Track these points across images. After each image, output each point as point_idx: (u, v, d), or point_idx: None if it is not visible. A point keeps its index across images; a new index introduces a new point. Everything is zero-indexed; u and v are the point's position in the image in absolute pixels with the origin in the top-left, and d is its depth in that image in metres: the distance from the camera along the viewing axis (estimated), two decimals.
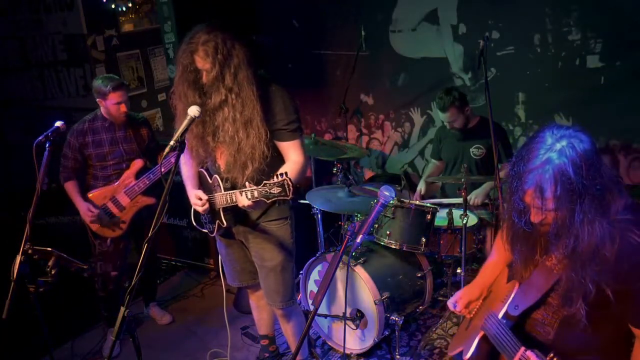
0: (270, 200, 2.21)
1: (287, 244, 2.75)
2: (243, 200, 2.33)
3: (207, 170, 2.70)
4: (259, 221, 2.68)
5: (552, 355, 1.64)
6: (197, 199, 2.61)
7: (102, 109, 3.36)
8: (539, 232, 1.75)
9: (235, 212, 2.60)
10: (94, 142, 3.36)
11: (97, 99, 3.32)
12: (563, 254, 1.68)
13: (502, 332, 1.80)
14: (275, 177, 2.18)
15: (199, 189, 2.70)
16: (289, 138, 2.52)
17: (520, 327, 1.85)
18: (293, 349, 3.09)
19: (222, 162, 2.58)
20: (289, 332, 3.01)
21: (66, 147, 3.37)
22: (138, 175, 3.44)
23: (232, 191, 2.45)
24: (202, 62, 2.37)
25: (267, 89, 2.49)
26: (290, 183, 2.15)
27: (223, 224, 2.60)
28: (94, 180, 3.45)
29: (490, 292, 2.08)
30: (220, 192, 2.55)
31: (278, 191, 2.16)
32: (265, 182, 2.21)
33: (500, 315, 1.84)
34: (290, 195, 2.15)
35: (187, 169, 2.74)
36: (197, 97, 2.44)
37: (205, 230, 2.84)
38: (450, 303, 2.12)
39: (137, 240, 3.61)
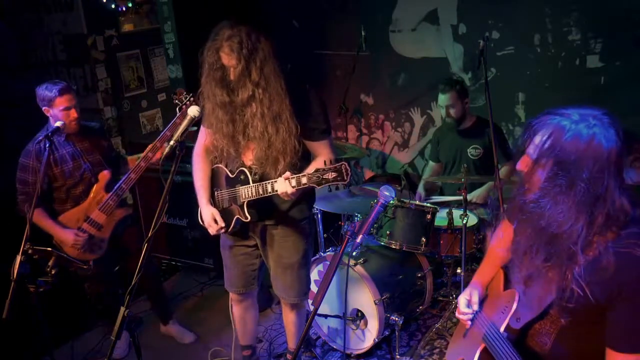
0: (321, 186, 2.22)
1: (305, 242, 2.73)
2: (286, 187, 2.29)
3: (228, 168, 2.64)
4: (282, 219, 2.65)
5: None
6: (212, 220, 2.57)
7: (52, 120, 3.07)
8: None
9: (260, 207, 2.56)
10: (56, 160, 3.05)
11: (43, 108, 3.04)
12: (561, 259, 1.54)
13: (505, 348, 1.73)
14: (327, 162, 2.22)
15: (214, 185, 2.67)
16: (320, 138, 2.51)
17: (518, 338, 1.79)
18: (290, 338, 3.07)
19: (249, 157, 2.53)
20: (290, 322, 2.98)
21: (22, 172, 3.05)
22: (107, 188, 3.18)
23: (269, 181, 2.40)
24: (228, 59, 2.33)
25: (297, 86, 2.47)
26: (348, 168, 2.17)
27: (247, 219, 2.54)
28: (60, 204, 3.17)
29: (487, 295, 2.04)
30: (248, 184, 2.49)
31: (333, 176, 2.18)
32: (317, 168, 2.20)
33: (502, 328, 1.78)
34: (348, 179, 2.17)
35: (202, 176, 2.68)
36: (225, 95, 2.40)
37: None
38: (464, 311, 1.98)
39: (121, 253, 3.40)
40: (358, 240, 2.04)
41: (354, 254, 3.27)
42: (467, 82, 4.48)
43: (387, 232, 3.28)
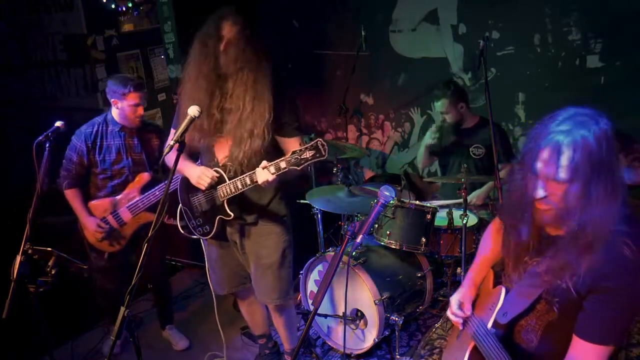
0: (301, 167, 2.23)
1: (284, 240, 2.75)
2: (265, 175, 2.31)
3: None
4: (259, 219, 2.68)
5: None
6: (206, 170, 2.54)
7: (115, 112, 3.16)
8: (536, 225, 1.65)
9: (240, 202, 2.59)
10: (101, 148, 3.14)
11: (112, 100, 3.12)
12: (556, 252, 1.58)
13: (492, 344, 1.73)
14: (301, 143, 2.25)
15: (188, 192, 2.69)
16: (293, 134, 2.55)
17: (506, 334, 1.79)
18: (284, 340, 3.11)
19: (223, 153, 2.58)
20: (280, 325, 3.02)
21: (71, 150, 3.16)
22: (143, 190, 3.21)
23: (247, 173, 2.42)
24: (230, 28, 2.40)
25: (281, 84, 2.53)
26: (324, 143, 2.17)
27: (230, 216, 2.58)
28: (95, 190, 3.24)
29: (478, 296, 2.03)
30: (224, 182, 2.53)
31: (311, 154, 2.19)
32: (293, 150, 2.22)
33: (490, 324, 1.78)
34: (326, 154, 2.18)
35: (181, 160, 2.69)
36: (211, 66, 2.45)
37: (196, 236, 2.78)
38: (456, 313, 1.98)
39: (136, 256, 3.37)
40: (358, 240, 2.04)
41: (354, 254, 3.27)
42: (467, 82, 4.48)
43: (387, 232, 3.28)
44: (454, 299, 2.00)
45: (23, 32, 4.57)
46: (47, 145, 2.75)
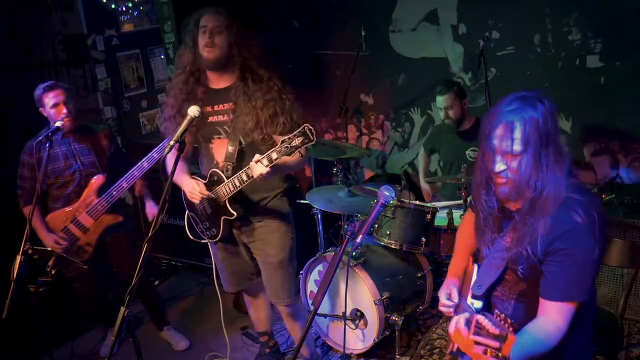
0: (293, 156, 2.25)
1: (289, 238, 2.78)
2: (259, 169, 2.31)
3: (198, 174, 2.71)
4: (263, 217, 2.70)
5: (499, 313, 1.63)
6: (196, 185, 2.57)
7: (51, 121, 3.06)
8: (498, 205, 1.81)
9: (243, 200, 2.61)
10: (49, 157, 2.92)
11: (40, 110, 3.05)
12: (516, 224, 1.73)
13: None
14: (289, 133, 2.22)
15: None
16: (292, 132, 2.52)
17: (485, 306, 1.90)
18: (304, 348, 3.08)
19: (221, 154, 2.60)
20: (297, 331, 3.02)
21: (21, 167, 3.11)
22: (100, 192, 3.13)
23: (242, 170, 2.44)
24: (212, 18, 2.46)
25: (280, 81, 2.55)
26: (311, 127, 2.17)
27: (233, 215, 2.59)
28: (53, 202, 3.19)
29: (463, 283, 2.13)
30: (223, 182, 2.55)
31: (300, 141, 2.18)
32: (282, 139, 2.22)
33: (469, 298, 1.90)
34: (314, 139, 2.18)
35: (181, 164, 2.66)
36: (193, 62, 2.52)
37: (205, 241, 2.81)
38: (445, 303, 2.05)
39: (109, 259, 3.39)
40: (358, 240, 2.04)
41: (354, 254, 3.27)
42: (467, 82, 4.48)
43: (387, 232, 3.28)
44: (441, 292, 2.09)
45: (23, 32, 4.57)
46: (47, 145, 2.76)
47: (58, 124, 2.98)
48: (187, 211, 2.82)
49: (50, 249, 3.00)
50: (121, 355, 3.10)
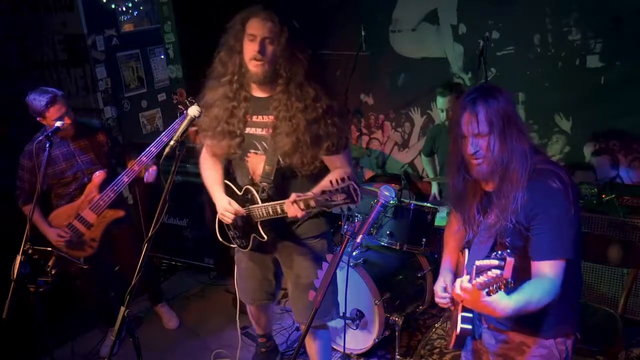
0: (331, 209, 2.08)
1: (325, 259, 2.61)
2: (295, 211, 2.15)
3: (233, 181, 2.54)
4: (298, 236, 2.54)
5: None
6: (228, 205, 2.41)
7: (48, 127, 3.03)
8: (477, 186, 1.95)
9: (275, 225, 2.44)
10: (49, 160, 2.90)
11: (38, 119, 3.03)
12: (495, 201, 1.87)
13: None
14: (333, 182, 1.95)
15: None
16: (334, 153, 2.35)
17: None
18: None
19: (257, 170, 2.42)
20: (314, 351, 2.82)
21: (20, 169, 3.14)
22: (102, 188, 3.17)
23: (278, 202, 2.27)
24: (261, 26, 2.24)
25: (332, 101, 2.33)
26: (356, 187, 1.94)
27: (263, 238, 2.43)
28: (57, 200, 3.22)
29: (456, 276, 2.15)
30: (257, 203, 2.38)
31: (342, 198, 1.95)
32: (324, 190, 1.98)
33: (466, 280, 1.92)
34: (358, 201, 1.96)
35: (213, 174, 2.53)
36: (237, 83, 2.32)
37: (234, 245, 2.66)
38: (441, 295, 2.11)
39: (113, 253, 3.43)
40: (358, 240, 2.04)
41: (354, 254, 3.27)
42: (467, 82, 4.48)
43: (387, 232, 3.28)
44: (437, 286, 2.15)
45: (23, 32, 4.57)
46: (47, 145, 2.75)
47: (58, 124, 2.98)
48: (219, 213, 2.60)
49: (50, 248, 2.99)
50: (121, 355, 3.11)
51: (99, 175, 3.17)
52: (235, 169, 2.58)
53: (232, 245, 2.69)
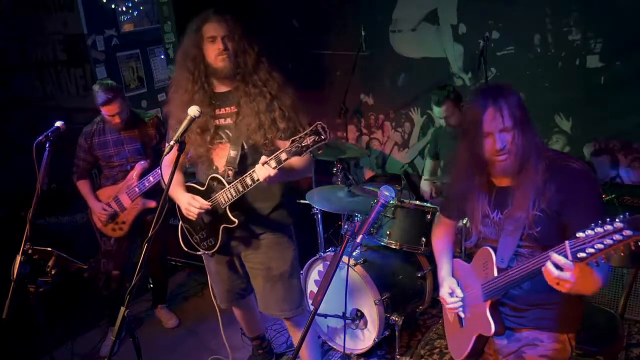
0: (304, 155, 2.15)
1: (291, 250, 2.72)
2: (267, 171, 2.20)
3: (195, 182, 2.62)
4: (263, 230, 2.62)
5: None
6: (192, 199, 2.48)
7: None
8: (489, 186, 1.97)
9: (243, 208, 2.53)
10: (100, 144, 3.41)
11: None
12: (518, 193, 1.88)
13: (513, 272, 1.87)
14: (300, 130, 2.15)
15: None
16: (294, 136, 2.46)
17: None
18: (307, 356, 2.99)
19: (222, 160, 2.52)
20: (300, 338, 2.91)
21: (78, 147, 3.46)
22: (141, 176, 3.44)
23: (246, 173, 2.34)
24: (217, 27, 2.42)
25: (283, 83, 2.51)
26: (324, 125, 2.07)
27: (234, 223, 2.49)
28: (104, 180, 3.54)
29: (458, 281, 2.19)
30: (224, 187, 2.46)
31: (312, 139, 2.08)
32: (292, 139, 2.12)
33: (495, 272, 1.94)
34: (328, 137, 2.08)
35: (176, 175, 2.52)
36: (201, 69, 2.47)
37: (200, 253, 2.72)
38: (451, 301, 2.13)
39: (141, 242, 3.56)
40: (358, 240, 2.04)
41: (354, 254, 3.27)
42: (467, 82, 4.48)
43: (387, 232, 3.28)
44: (443, 292, 2.16)
45: (23, 32, 4.57)
46: (47, 145, 2.75)
47: (58, 124, 2.98)
48: (180, 222, 2.74)
49: (50, 249, 3.00)
50: (121, 355, 3.11)
51: (141, 165, 3.45)
52: (199, 168, 2.66)
53: (198, 253, 2.74)
